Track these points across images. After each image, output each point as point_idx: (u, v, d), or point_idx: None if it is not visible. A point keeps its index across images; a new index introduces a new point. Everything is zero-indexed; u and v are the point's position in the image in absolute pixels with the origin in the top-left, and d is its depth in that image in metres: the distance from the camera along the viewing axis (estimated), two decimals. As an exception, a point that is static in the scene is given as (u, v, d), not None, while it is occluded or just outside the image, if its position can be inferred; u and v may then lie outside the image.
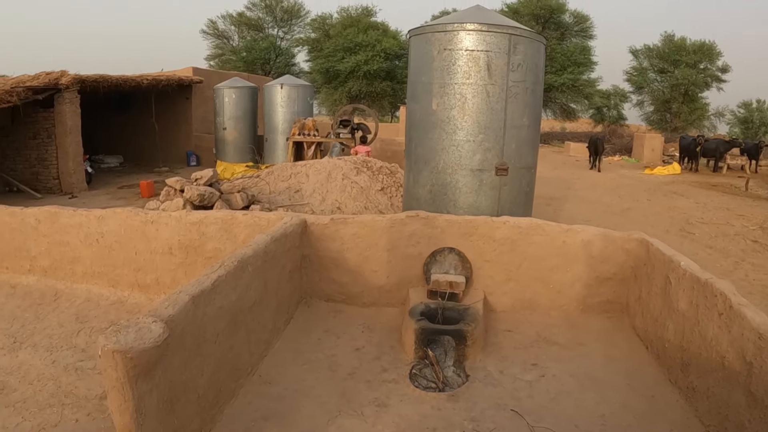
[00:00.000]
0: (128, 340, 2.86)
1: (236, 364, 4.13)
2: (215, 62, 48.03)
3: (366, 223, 5.69)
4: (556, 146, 38.20)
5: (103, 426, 3.88)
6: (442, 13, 42.97)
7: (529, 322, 5.45)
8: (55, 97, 16.47)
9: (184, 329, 3.27)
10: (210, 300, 3.65)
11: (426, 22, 30.31)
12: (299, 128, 16.65)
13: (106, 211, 6.60)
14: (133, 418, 2.92)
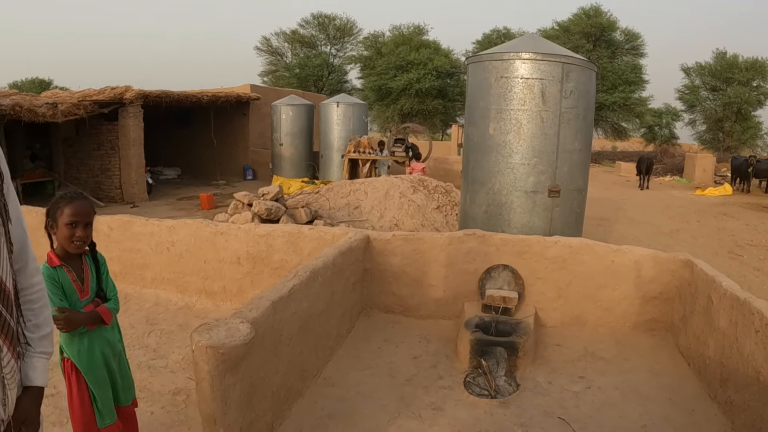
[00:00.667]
0: (220, 337, 3.22)
1: (304, 366, 4.46)
2: (269, 78, 48.73)
3: (426, 240, 5.97)
4: (606, 166, 37.80)
5: (177, 418, 4.25)
6: (493, 31, 43.03)
7: (577, 337, 5.65)
8: (120, 110, 17.20)
9: (265, 331, 3.62)
10: (286, 306, 4.01)
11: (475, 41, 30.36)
12: (355, 146, 17.07)
13: (177, 222, 7.01)
14: (219, 408, 3.27)
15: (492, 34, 43.09)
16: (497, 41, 41.84)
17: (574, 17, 40.02)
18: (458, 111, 42.22)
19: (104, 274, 3.38)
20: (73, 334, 3.16)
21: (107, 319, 3.26)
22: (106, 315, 3.25)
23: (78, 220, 3.11)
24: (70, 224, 3.11)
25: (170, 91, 19.13)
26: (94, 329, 3.24)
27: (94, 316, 3.20)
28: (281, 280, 4.28)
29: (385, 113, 41.15)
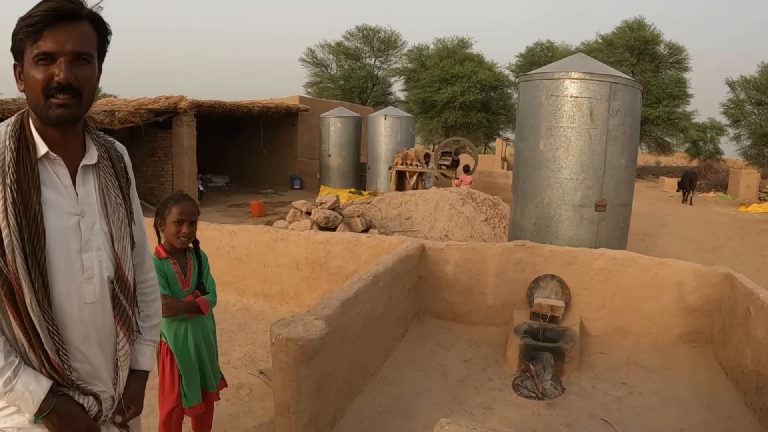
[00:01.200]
0: (298, 332, 3.56)
1: (365, 364, 4.76)
2: (313, 89, 49.13)
3: (478, 250, 6.22)
4: (650, 181, 37.30)
5: (241, 410, 4.58)
6: (536, 44, 42.86)
7: (620, 346, 5.81)
8: (174, 119, 17.62)
9: (334, 328, 3.93)
10: (352, 306, 4.34)
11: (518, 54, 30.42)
12: (402, 158, 17.33)
13: (239, 227, 7.37)
14: (293, 397, 3.60)
15: (535, 47, 42.94)
16: (540, 54, 41.71)
17: (618, 30, 39.53)
18: (501, 124, 42.10)
19: (205, 270, 3.72)
20: (172, 319, 3.49)
21: (204, 310, 3.58)
22: (204, 306, 3.58)
23: (184, 219, 3.47)
24: (177, 222, 3.47)
25: (222, 102, 19.60)
26: (191, 318, 3.56)
27: (193, 306, 3.53)
28: (348, 282, 4.62)
29: (429, 126, 41.17)
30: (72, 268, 1.84)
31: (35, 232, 1.75)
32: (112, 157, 2.04)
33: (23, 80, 1.82)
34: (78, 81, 1.78)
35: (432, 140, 43.54)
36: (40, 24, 1.72)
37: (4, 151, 1.79)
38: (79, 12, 1.79)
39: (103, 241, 1.93)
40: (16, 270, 1.73)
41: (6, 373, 1.75)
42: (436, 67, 40.38)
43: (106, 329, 1.94)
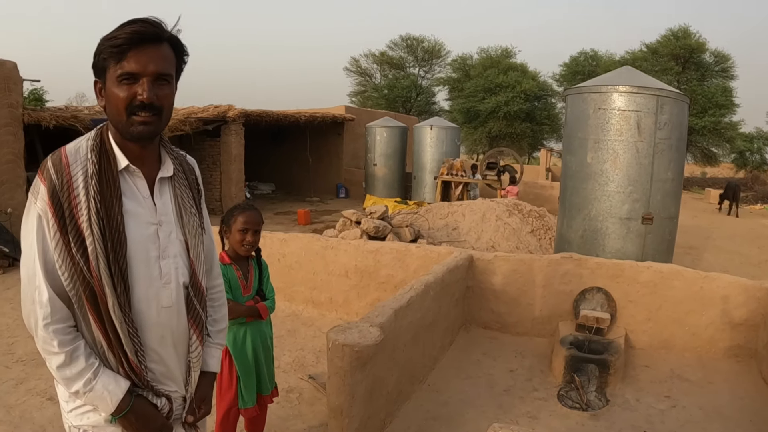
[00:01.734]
0: (354, 338, 3.71)
1: (413, 371, 4.88)
2: (358, 99, 49.37)
3: (525, 261, 6.29)
4: (696, 193, 36.55)
5: (291, 413, 4.75)
6: (580, 53, 42.32)
7: (665, 359, 5.81)
8: (222, 128, 17.92)
9: (387, 336, 4.07)
10: (404, 315, 4.48)
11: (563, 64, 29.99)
12: (448, 168, 17.40)
13: (289, 235, 7.56)
14: (347, 400, 3.74)
15: (579, 56, 42.39)
16: (584, 63, 41.22)
17: (663, 39, 38.56)
18: (546, 134, 41.79)
19: (266, 277, 3.92)
20: (232, 323, 3.63)
21: (264, 315, 3.77)
22: (264, 311, 3.76)
23: (248, 227, 3.65)
24: (242, 230, 3.65)
25: (270, 111, 19.88)
26: (251, 322, 3.74)
27: (253, 311, 3.70)
28: (400, 291, 4.76)
29: (473, 135, 40.94)
30: (151, 274, 1.96)
31: (118, 240, 1.87)
32: (185, 169, 2.16)
33: (104, 97, 1.93)
34: (159, 100, 1.89)
35: (476, 150, 43.38)
36: (125, 45, 1.83)
37: (87, 164, 1.91)
38: (161, 35, 1.91)
39: (179, 249, 2.05)
40: (99, 276, 1.85)
41: (87, 374, 1.87)
42: (480, 76, 40.21)
43: (180, 332, 2.06)
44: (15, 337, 6.72)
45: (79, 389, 1.88)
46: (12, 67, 11.93)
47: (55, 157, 1.91)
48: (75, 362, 1.87)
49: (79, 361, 1.88)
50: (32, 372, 5.65)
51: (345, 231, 9.68)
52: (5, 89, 11.79)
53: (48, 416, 4.74)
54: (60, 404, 2.04)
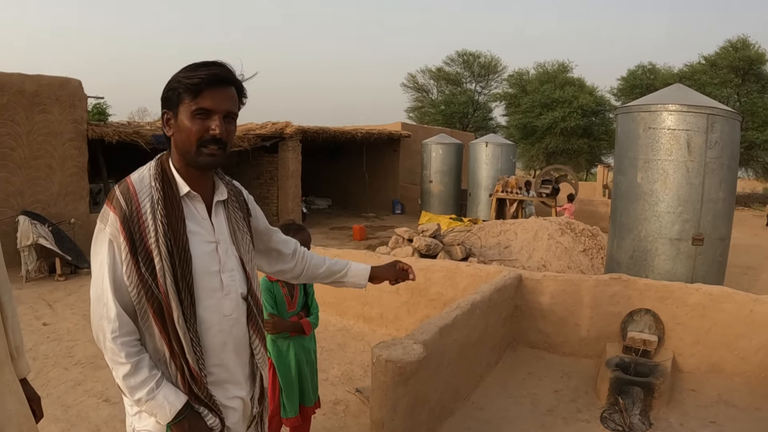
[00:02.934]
0: (398, 354, 3.85)
1: (457, 388, 4.98)
2: (414, 114, 49.47)
3: (574, 281, 6.29)
4: (756, 210, 35.34)
5: (337, 425, 4.90)
6: (638, 67, 41.55)
7: (712, 384, 5.69)
8: (280, 144, 18.32)
9: (431, 352, 4.19)
10: (449, 333, 4.59)
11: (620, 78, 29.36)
12: (503, 185, 17.41)
13: (342, 251, 7.74)
14: (388, 414, 3.86)
15: (637, 70, 41.53)
16: (642, 77, 40.43)
17: (721, 50, 37.32)
18: (603, 150, 41.15)
19: (311, 294, 4.12)
20: (277, 336, 3.89)
21: (307, 330, 3.95)
22: (307, 326, 3.95)
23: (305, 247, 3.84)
24: None
25: (327, 128, 20.18)
26: (294, 336, 3.93)
27: (297, 326, 3.90)
28: (446, 309, 4.87)
29: (529, 152, 40.65)
30: (214, 286, 2.17)
31: (184, 257, 2.08)
32: (234, 193, 2.37)
33: (175, 127, 2.14)
34: (226, 135, 2.12)
35: (533, 166, 43.04)
36: (202, 85, 2.06)
37: (152, 191, 2.11)
38: (233, 79, 2.15)
39: (236, 264, 2.26)
40: (166, 290, 2.05)
41: (150, 384, 2.04)
42: (536, 92, 39.92)
43: (240, 338, 2.26)
44: (75, 341, 7.06)
45: (141, 397, 2.05)
46: (77, 85, 12.61)
47: (122, 186, 2.12)
48: (139, 372, 2.05)
49: (143, 372, 2.05)
50: (90, 374, 5.96)
51: (397, 248, 9.83)
52: (70, 106, 12.46)
53: (103, 417, 5.01)
54: (125, 408, 2.23)
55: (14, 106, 11.57)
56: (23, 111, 11.70)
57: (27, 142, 11.81)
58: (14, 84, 11.57)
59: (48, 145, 12.16)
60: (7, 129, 11.48)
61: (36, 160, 11.99)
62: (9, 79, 11.54)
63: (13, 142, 11.62)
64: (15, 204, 11.65)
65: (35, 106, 11.87)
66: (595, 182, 30.93)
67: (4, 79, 11.45)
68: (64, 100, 12.37)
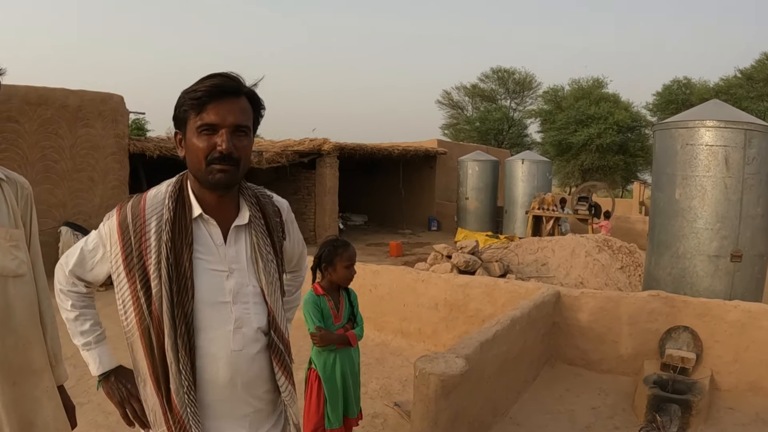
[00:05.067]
0: (440, 367, 3.95)
1: (496, 403, 5.05)
2: (450, 131, 49.53)
3: (612, 299, 6.32)
4: None
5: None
6: (673, 81, 41.09)
7: (751, 402, 5.65)
8: (317, 160, 18.51)
9: (472, 367, 4.27)
10: (490, 348, 4.68)
11: (655, 93, 28.78)
12: (539, 202, 17.42)
13: (381, 267, 7.84)
14: (429, 427, 3.95)
15: (672, 85, 41.14)
16: (677, 92, 39.98)
17: (757, 63, 36.61)
18: (639, 167, 40.72)
19: (356, 307, 4.23)
20: (323, 349, 3.97)
21: (353, 342, 4.05)
22: (353, 339, 4.04)
23: (353, 263, 4.03)
24: (348, 266, 4.01)
25: (364, 144, 20.37)
26: (340, 349, 4.02)
27: (343, 338, 3.99)
28: (487, 325, 4.97)
29: (565, 168, 40.44)
30: (221, 318, 2.03)
31: (185, 286, 1.97)
32: (267, 213, 2.21)
33: (185, 147, 2.03)
34: (237, 151, 1.97)
35: (568, 183, 42.80)
36: (204, 98, 1.93)
37: (163, 210, 2.04)
38: (240, 89, 2.00)
39: (253, 296, 2.11)
40: (160, 317, 1.97)
41: (88, 337, 2.26)
42: (571, 108, 39.72)
43: (253, 374, 2.11)
44: (115, 349, 7.21)
45: (79, 344, 2.25)
46: (119, 100, 13.03)
47: (135, 199, 2.10)
48: (82, 323, 2.25)
49: (86, 324, 2.25)
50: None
51: (436, 264, 9.93)
52: (113, 121, 12.87)
53: (143, 424, 5.15)
54: None
55: (58, 120, 11.98)
56: (66, 125, 12.11)
57: (70, 155, 12.21)
58: (58, 99, 11.99)
59: (90, 159, 12.56)
60: (50, 142, 11.89)
61: (78, 172, 12.39)
62: (53, 93, 11.95)
63: (57, 155, 12.02)
64: (58, 215, 12.05)
65: (78, 120, 12.28)
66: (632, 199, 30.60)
67: (48, 93, 11.86)
68: (106, 115, 12.77)
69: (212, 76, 1.98)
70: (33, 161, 11.68)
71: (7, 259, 2.45)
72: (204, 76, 2.00)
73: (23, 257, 2.55)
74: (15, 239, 2.51)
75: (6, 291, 2.45)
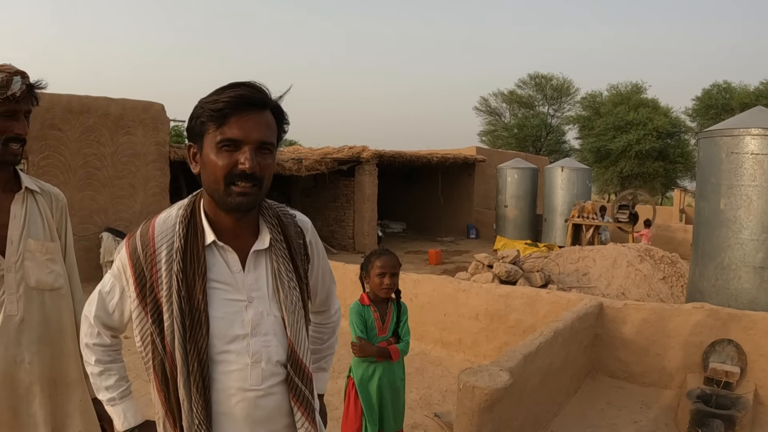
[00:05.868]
0: (484, 381, 3.96)
1: (537, 416, 5.03)
2: (487, 138, 49.46)
3: (655, 311, 6.25)
4: None
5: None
6: (713, 86, 40.48)
7: None
8: (356, 168, 18.64)
9: (516, 380, 4.26)
10: (533, 360, 4.67)
11: (695, 98, 28.30)
12: (579, 211, 17.32)
13: (422, 276, 7.86)
14: (473, 440, 3.99)
15: (712, 89, 40.57)
16: (717, 97, 39.41)
17: None
18: (679, 173, 40.24)
19: (404, 320, 4.11)
20: (363, 359, 3.95)
21: (395, 357, 3.95)
22: (395, 353, 3.95)
23: (386, 271, 3.91)
24: (380, 274, 3.91)
25: (403, 152, 20.44)
26: (381, 362, 3.95)
27: (384, 351, 3.92)
28: (530, 337, 4.96)
29: (603, 176, 40.02)
30: (238, 353, 1.88)
31: (198, 319, 1.83)
32: (289, 235, 2.04)
33: (200, 162, 1.85)
34: (261, 170, 1.80)
35: (607, 191, 42.43)
36: (227, 110, 1.74)
37: (173, 237, 1.88)
38: (266, 101, 1.83)
39: (274, 327, 1.95)
40: (173, 352, 1.85)
41: (113, 393, 2.09)
42: (610, 114, 39.38)
43: (272, 410, 1.95)
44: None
45: (103, 399, 2.10)
46: (160, 108, 13.36)
47: (144, 227, 1.94)
48: (107, 378, 2.09)
49: (110, 379, 2.09)
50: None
51: (477, 274, 9.94)
52: (153, 129, 13.19)
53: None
54: None
55: (100, 128, 12.35)
56: (108, 133, 12.47)
57: (111, 163, 12.56)
58: (100, 107, 12.36)
59: (131, 166, 12.90)
60: (92, 149, 12.26)
61: (120, 179, 12.74)
62: (95, 102, 12.33)
63: (98, 162, 12.39)
64: (99, 221, 12.42)
65: (120, 128, 12.64)
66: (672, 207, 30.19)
67: (90, 102, 12.23)
68: (147, 123, 13.12)
69: (235, 86, 1.80)
70: (75, 168, 12.05)
71: (43, 273, 2.51)
72: (225, 85, 1.81)
73: (59, 270, 2.60)
74: (51, 252, 2.56)
75: (43, 305, 2.51)
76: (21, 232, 2.47)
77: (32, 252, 2.48)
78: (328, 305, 2.40)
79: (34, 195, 2.56)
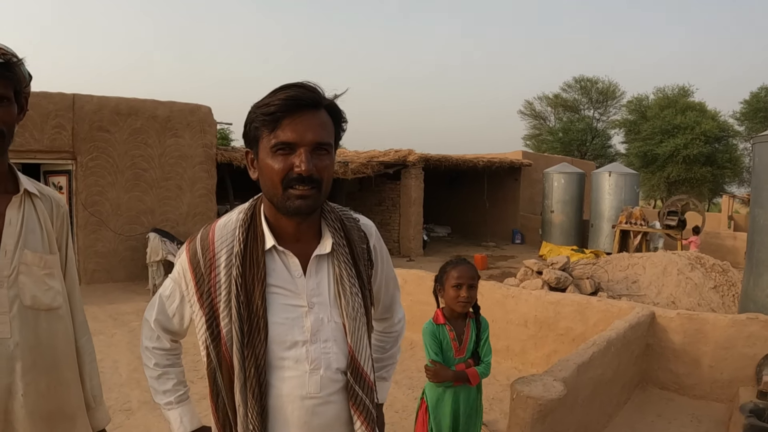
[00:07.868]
0: (538, 391, 3.96)
1: (588, 427, 5.00)
2: (532, 142, 49.17)
3: (708, 321, 6.14)
4: None
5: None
6: (761, 89, 39.68)
7: None
8: (402, 171, 18.71)
9: (569, 390, 4.27)
10: (586, 370, 4.66)
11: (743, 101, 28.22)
12: (627, 217, 17.11)
13: (468, 281, 7.87)
14: (526, 451, 4.00)
15: (760, 92, 39.72)
16: (766, 99, 38.89)
17: None
18: (727, 179, 39.53)
19: (484, 337, 3.79)
20: (438, 384, 3.67)
21: (473, 381, 3.66)
22: (473, 377, 3.65)
23: (462, 282, 3.60)
24: (456, 286, 3.60)
25: (449, 156, 20.45)
26: (458, 385, 3.67)
27: (461, 376, 3.61)
28: (582, 346, 4.96)
29: (650, 181, 39.37)
30: (297, 359, 1.85)
31: (256, 326, 1.80)
32: (352, 239, 1.99)
33: (258, 168, 1.84)
34: (318, 172, 1.76)
35: (654, 196, 41.83)
36: (279, 113, 1.72)
37: (233, 241, 1.87)
38: (319, 101, 1.78)
39: (334, 333, 1.91)
40: (231, 357, 1.83)
41: (170, 397, 2.10)
42: (656, 117, 38.75)
43: (331, 418, 1.91)
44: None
45: (160, 403, 2.10)
46: (207, 111, 13.63)
47: (204, 231, 1.94)
48: (164, 382, 2.10)
49: (168, 383, 2.10)
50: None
51: (526, 280, 9.91)
52: (200, 131, 13.47)
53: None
54: None
55: (147, 130, 12.72)
56: (156, 135, 12.82)
57: (159, 164, 12.90)
58: (147, 110, 12.74)
59: (178, 168, 13.21)
60: (140, 151, 12.62)
61: (167, 181, 13.08)
62: (143, 105, 12.70)
63: (146, 164, 12.75)
64: (146, 221, 12.78)
65: (167, 130, 12.98)
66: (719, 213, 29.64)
67: (138, 105, 12.59)
68: (194, 126, 13.41)
69: (286, 87, 1.76)
70: (123, 169, 12.44)
71: (40, 291, 2.18)
72: (277, 88, 1.78)
73: (58, 287, 2.27)
74: (49, 267, 2.23)
75: (37, 327, 2.17)
76: (17, 241, 2.13)
77: (28, 265, 2.15)
78: (392, 312, 2.35)
79: (32, 199, 2.24)
